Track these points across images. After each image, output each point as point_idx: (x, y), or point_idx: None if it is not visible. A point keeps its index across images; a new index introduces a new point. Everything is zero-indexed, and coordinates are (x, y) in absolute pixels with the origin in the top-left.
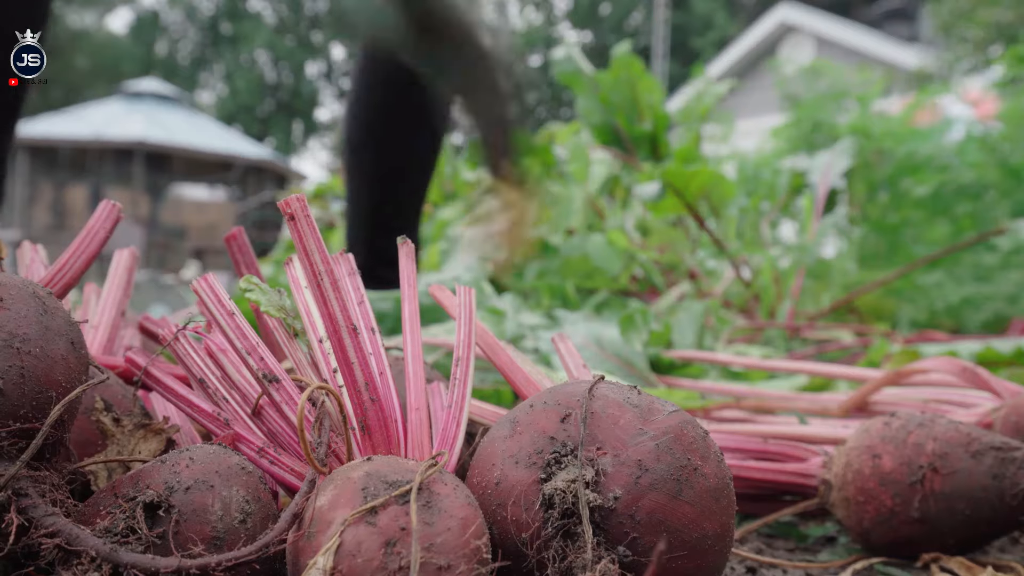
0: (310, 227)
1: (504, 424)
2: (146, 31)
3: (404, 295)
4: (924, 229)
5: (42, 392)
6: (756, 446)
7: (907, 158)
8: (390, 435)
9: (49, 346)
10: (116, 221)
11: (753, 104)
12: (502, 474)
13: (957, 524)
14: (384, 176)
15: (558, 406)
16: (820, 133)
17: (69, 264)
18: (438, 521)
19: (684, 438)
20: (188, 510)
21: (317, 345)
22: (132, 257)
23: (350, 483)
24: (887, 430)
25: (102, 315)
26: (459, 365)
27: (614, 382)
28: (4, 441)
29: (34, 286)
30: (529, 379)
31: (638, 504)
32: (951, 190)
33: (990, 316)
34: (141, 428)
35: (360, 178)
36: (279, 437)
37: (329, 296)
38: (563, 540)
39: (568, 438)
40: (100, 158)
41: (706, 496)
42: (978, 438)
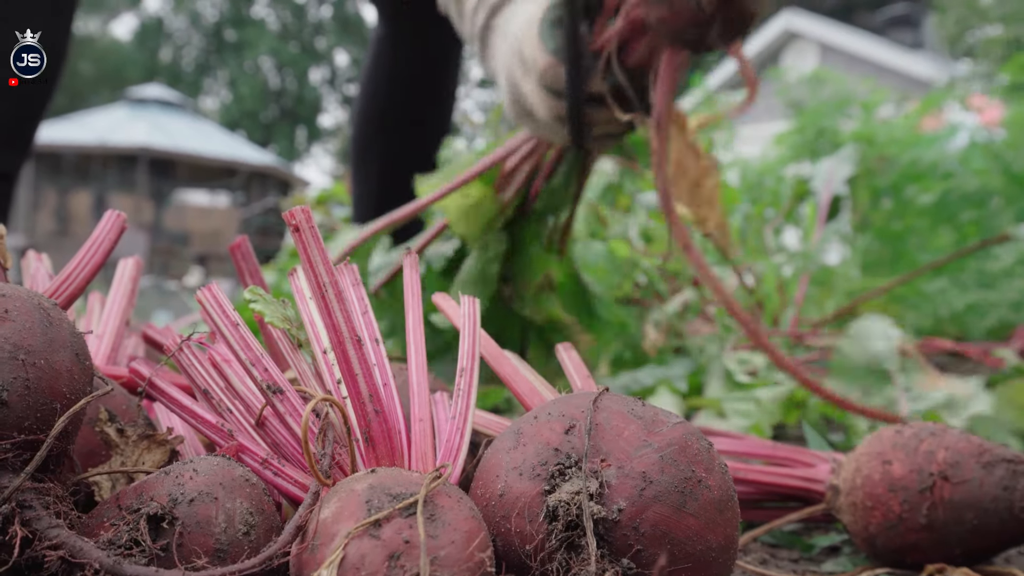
0: (314, 238)
1: (508, 435)
2: (150, 37)
3: (408, 305)
4: (928, 236)
5: (46, 404)
6: (764, 451)
7: (911, 165)
8: (394, 447)
9: (53, 358)
10: (121, 231)
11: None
12: (506, 485)
13: (964, 534)
14: (397, 154)
15: (562, 417)
16: (824, 140)
17: (74, 275)
18: (442, 534)
19: (688, 450)
20: (192, 522)
21: (321, 356)
22: (137, 267)
23: (354, 495)
24: (899, 437)
25: (106, 325)
26: (463, 376)
27: (618, 394)
28: (9, 453)
29: (39, 297)
30: (533, 390)
31: (642, 516)
32: (955, 197)
33: (995, 323)
34: (145, 439)
35: (373, 159)
36: (283, 448)
37: (333, 308)
38: (567, 552)
39: (572, 450)
40: (104, 164)
41: (710, 508)
42: (990, 449)
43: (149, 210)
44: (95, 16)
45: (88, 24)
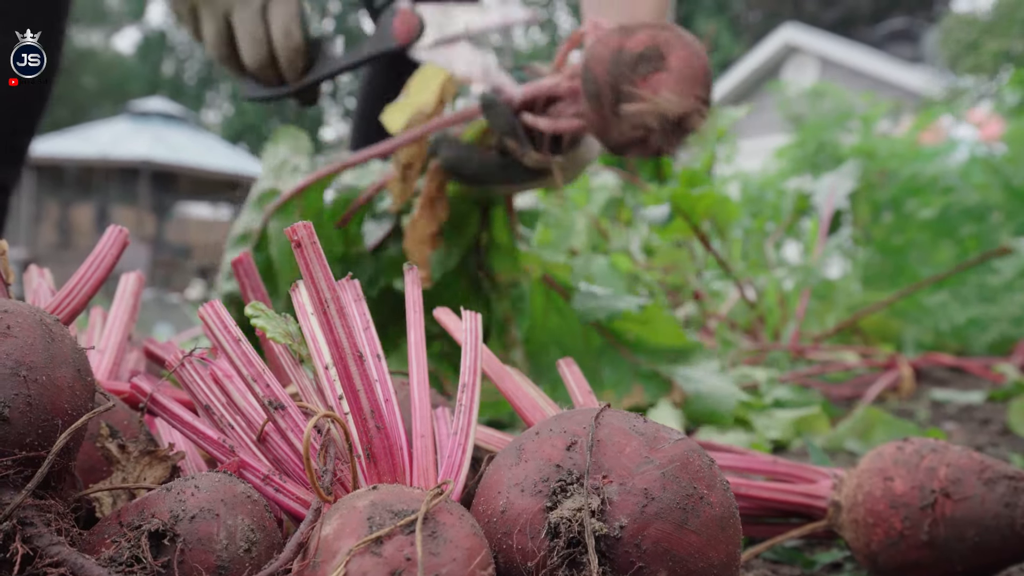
0: (316, 254)
1: (510, 451)
2: (153, 51)
3: (410, 321)
4: (929, 250)
5: (48, 420)
6: (766, 467)
7: (911, 179)
8: (396, 463)
9: (55, 374)
10: (123, 246)
11: (756, 125)
12: (508, 502)
13: (966, 551)
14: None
15: (564, 434)
16: (824, 154)
17: (76, 290)
18: (443, 551)
19: (690, 466)
20: (193, 539)
21: (323, 371)
22: (139, 282)
23: (355, 512)
24: (900, 454)
25: (108, 340)
26: (465, 391)
27: (620, 410)
28: (10, 470)
29: (41, 313)
30: (535, 405)
31: (644, 533)
32: (956, 212)
33: (996, 337)
34: (146, 455)
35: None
36: (284, 464)
37: (335, 323)
38: (569, 569)
39: (574, 466)
40: (106, 177)
41: (712, 525)
42: (991, 466)
43: (151, 223)
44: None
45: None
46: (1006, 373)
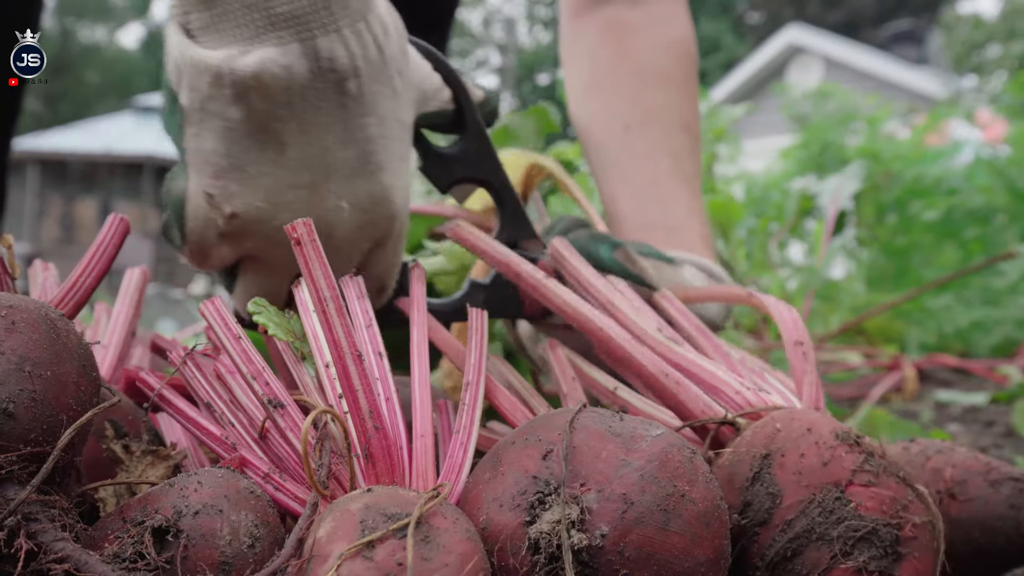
0: (316, 252)
1: (487, 464)
2: (157, 46)
3: (413, 320)
4: (933, 252)
5: (53, 416)
6: None
7: (915, 181)
8: (394, 463)
9: (60, 369)
10: (124, 235)
11: (760, 125)
12: (488, 519)
13: (970, 552)
14: None
15: (539, 442)
16: (829, 155)
17: (80, 283)
18: (436, 556)
19: (669, 464)
20: (197, 535)
21: (324, 369)
22: (143, 277)
23: (348, 515)
24: (906, 455)
25: (112, 335)
26: (468, 390)
27: (597, 409)
28: (15, 465)
29: (47, 308)
30: (515, 405)
31: (626, 540)
32: (960, 214)
33: (1000, 340)
34: (150, 454)
35: None
36: (284, 462)
37: (334, 322)
38: None
39: (551, 476)
40: (110, 172)
41: (695, 522)
42: (997, 468)
43: (155, 219)
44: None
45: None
46: (1010, 375)
